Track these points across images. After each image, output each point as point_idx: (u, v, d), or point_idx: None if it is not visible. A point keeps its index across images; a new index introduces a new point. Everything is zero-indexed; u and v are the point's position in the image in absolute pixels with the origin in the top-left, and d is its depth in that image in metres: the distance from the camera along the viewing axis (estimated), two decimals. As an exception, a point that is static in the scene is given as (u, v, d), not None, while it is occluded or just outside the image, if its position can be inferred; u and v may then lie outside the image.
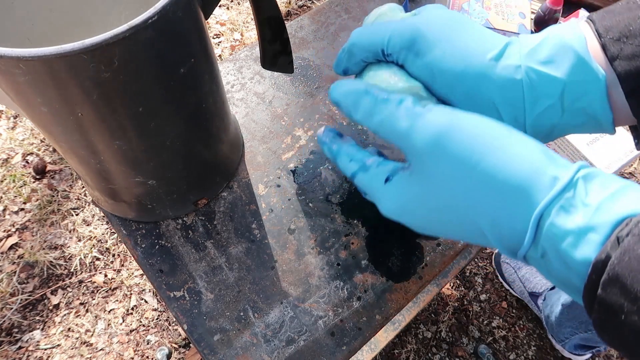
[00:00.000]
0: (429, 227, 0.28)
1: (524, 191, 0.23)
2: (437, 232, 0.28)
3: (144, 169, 0.39)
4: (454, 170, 0.25)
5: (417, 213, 0.28)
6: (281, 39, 0.42)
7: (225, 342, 0.41)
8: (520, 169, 0.23)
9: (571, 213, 0.21)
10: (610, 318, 0.19)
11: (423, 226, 0.29)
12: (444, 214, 0.26)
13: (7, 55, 0.25)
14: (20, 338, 1.07)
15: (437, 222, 0.27)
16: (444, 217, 0.26)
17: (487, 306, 1.18)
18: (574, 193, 0.21)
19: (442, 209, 0.26)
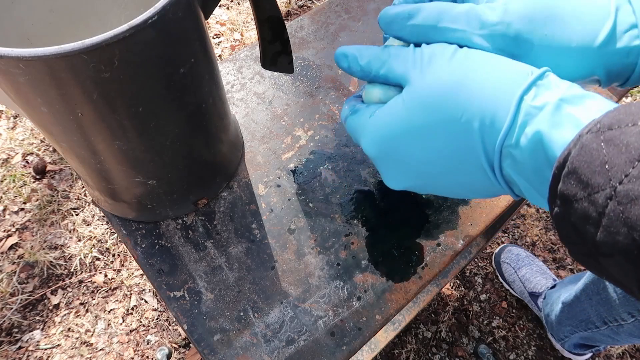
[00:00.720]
0: (409, 154, 0.28)
1: (510, 79, 0.25)
2: (416, 159, 0.28)
3: (144, 169, 0.39)
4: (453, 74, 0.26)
5: (400, 139, 0.28)
6: (281, 39, 0.42)
7: (225, 342, 0.41)
8: (507, 66, 0.26)
9: (543, 95, 0.23)
10: (567, 208, 0.21)
11: (402, 154, 0.29)
12: (430, 129, 0.27)
13: (7, 55, 0.25)
14: (20, 338, 1.07)
15: (418, 145, 0.28)
16: (428, 134, 0.27)
17: (487, 306, 1.18)
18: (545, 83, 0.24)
19: (430, 122, 0.27)
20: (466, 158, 0.26)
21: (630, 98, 1.56)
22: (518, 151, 0.24)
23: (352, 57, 0.32)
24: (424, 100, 0.27)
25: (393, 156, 0.29)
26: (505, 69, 0.25)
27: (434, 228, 0.48)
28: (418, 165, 0.29)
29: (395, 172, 0.31)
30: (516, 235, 1.30)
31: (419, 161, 0.28)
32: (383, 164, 0.31)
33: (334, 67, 0.59)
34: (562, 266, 1.25)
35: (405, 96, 0.28)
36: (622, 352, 1.13)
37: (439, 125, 0.26)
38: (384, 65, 0.30)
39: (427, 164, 0.28)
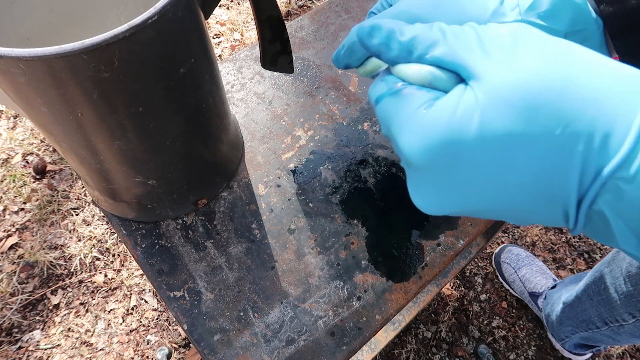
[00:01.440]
0: (473, 170, 0.21)
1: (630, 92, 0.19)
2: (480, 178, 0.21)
3: (144, 169, 0.39)
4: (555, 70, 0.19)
5: (466, 149, 0.20)
6: (281, 39, 0.42)
7: (225, 342, 0.41)
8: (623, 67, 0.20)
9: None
10: None
11: (462, 170, 0.21)
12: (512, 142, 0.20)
13: (7, 55, 0.25)
14: (20, 338, 1.07)
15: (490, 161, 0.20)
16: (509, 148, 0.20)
17: (487, 306, 1.18)
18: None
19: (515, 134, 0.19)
20: (550, 186, 0.20)
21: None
22: (634, 186, 0.18)
23: (389, 32, 0.24)
24: (511, 103, 0.19)
25: (447, 166, 0.21)
26: (620, 73, 0.19)
27: (434, 228, 0.48)
28: (477, 187, 0.21)
29: (438, 190, 0.23)
30: (516, 235, 1.30)
31: (482, 182, 0.21)
32: (425, 176, 0.23)
33: (333, 67, 0.59)
34: (562, 266, 1.25)
35: (480, 94, 0.20)
36: (622, 352, 1.13)
37: (525, 138, 0.19)
38: (436, 46, 0.22)
39: (493, 187, 0.21)
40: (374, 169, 0.51)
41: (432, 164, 0.22)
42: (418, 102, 0.22)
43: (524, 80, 0.19)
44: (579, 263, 1.26)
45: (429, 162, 0.22)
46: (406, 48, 0.23)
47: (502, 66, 0.20)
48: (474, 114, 0.20)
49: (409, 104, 0.23)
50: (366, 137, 0.53)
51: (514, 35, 0.21)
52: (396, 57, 0.24)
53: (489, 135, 0.20)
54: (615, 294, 0.80)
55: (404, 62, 0.24)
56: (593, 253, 1.27)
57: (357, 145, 0.53)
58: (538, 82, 0.19)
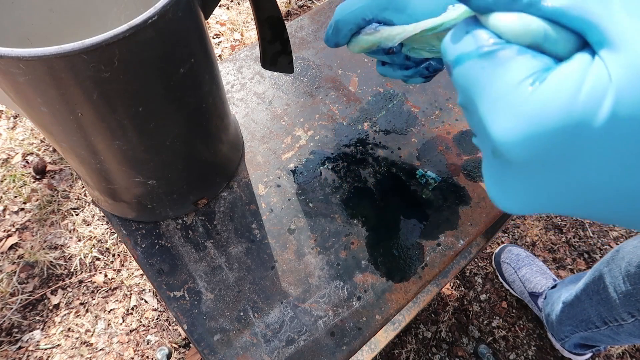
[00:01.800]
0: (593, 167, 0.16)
1: None
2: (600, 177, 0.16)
3: (144, 169, 0.39)
4: None
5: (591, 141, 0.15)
6: (281, 39, 0.42)
7: (225, 342, 0.41)
8: None
9: None
10: None
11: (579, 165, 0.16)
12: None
13: (7, 55, 0.25)
14: (20, 338, 1.07)
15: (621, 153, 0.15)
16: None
17: (487, 306, 1.18)
18: None
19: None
20: None
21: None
22: None
23: None
24: None
25: (555, 167, 0.16)
26: None
27: (434, 228, 0.48)
28: (597, 189, 0.16)
29: (540, 189, 0.18)
30: (516, 235, 1.30)
31: (606, 183, 0.16)
32: (523, 172, 0.17)
33: (333, 67, 0.59)
34: (562, 266, 1.25)
35: (616, 69, 0.14)
36: (622, 352, 1.13)
37: None
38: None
39: (618, 188, 0.16)
40: (374, 169, 0.51)
41: (537, 158, 0.16)
42: (523, 72, 0.16)
43: None
44: (579, 263, 1.26)
45: (532, 155, 0.16)
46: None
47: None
48: (606, 96, 0.15)
49: (508, 72, 0.17)
50: (366, 137, 0.53)
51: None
52: (495, 1, 0.17)
53: (625, 126, 0.14)
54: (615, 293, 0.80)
55: (504, 10, 0.17)
56: (593, 253, 1.27)
57: (357, 145, 0.53)
58: None
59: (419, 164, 0.51)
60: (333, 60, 0.60)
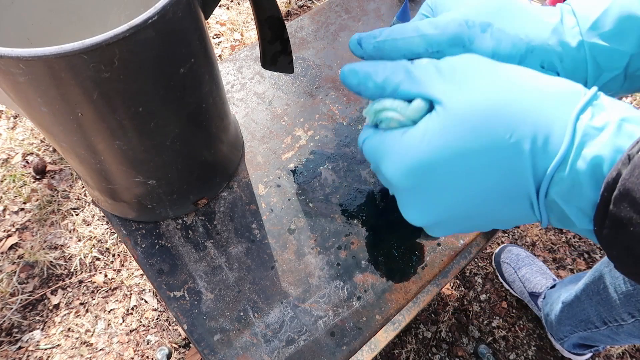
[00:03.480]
0: (446, 184, 0.25)
1: (563, 96, 0.22)
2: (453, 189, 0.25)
3: (144, 169, 0.39)
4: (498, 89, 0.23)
5: (438, 167, 0.24)
6: (281, 39, 0.42)
7: (225, 342, 0.41)
8: (557, 83, 0.23)
9: (600, 115, 0.22)
10: (620, 232, 0.20)
11: (437, 184, 0.25)
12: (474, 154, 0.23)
13: (7, 55, 0.25)
14: (20, 338, 1.07)
15: (459, 173, 0.24)
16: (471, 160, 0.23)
17: (487, 306, 1.18)
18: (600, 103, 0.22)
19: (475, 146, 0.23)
20: (511, 185, 0.23)
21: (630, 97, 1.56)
22: (572, 175, 0.21)
23: (364, 74, 0.28)
24: (467, 121, 0.23)
25: (425, 187, 0.25)
26: (555, 86, 0.23)
27: (434, 228, 0.47)
28: (453, 197, 0.25)
29: (422, 205, 0.26)
30: (516, 235, 1.30)
31: (456, 191, 0.25)
32: (410, 195, 0.27)
33: (333, 67, 0.59)
34: (562, 266, 1.25)
35: (441, 118, 0.24)
36: (622, 352, 1.13)
37: (484, 148, 0.23)
38: (404, 83, 0.26)
39: (466, 194, 0.24)
40: (374, 169, 0.51)
41: (409, 185, 0.26)
42: (394, 135, 0.26)
43: (476, 100, 0.23)
44: (579, 263, 1.26)
45: (405, 183, 0.26)
46: (381, 87, 0.27)
47: (458, 92, 0.24)
48: (439, 135, 0.24)
49: (387, 138, 0.27)
50: (366, 137, 0.53)
51: (466, 65, 0.25)
52: (373, 94, 0.28)
53: (453, 151, 0.23)
54: (615, 293, 0.80)
55: (380, 97, 0.28)
56: (593, 253, 1.27)
57: (357, 145, 0.53)
58: (488, 100, 0.23)
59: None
60: (333, 60, 0.60)
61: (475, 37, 0.29)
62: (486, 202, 0.24)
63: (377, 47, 0.31)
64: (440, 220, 0.27)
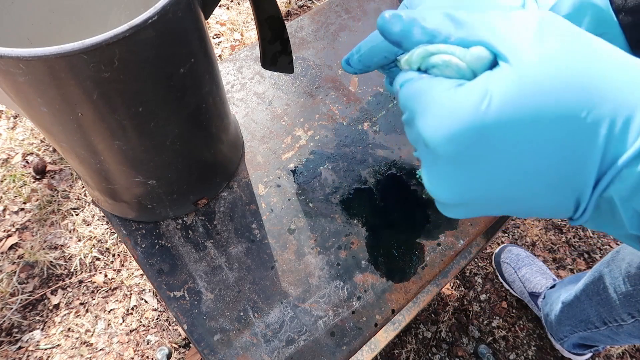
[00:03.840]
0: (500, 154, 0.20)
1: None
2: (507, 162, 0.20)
3: (144, 169, 0.39)
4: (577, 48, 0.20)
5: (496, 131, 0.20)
6: (281, 39, 0.42)
7: (225, 342, 0.41)
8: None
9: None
10: None
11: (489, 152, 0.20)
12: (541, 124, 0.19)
13: (7, 55, 0.25)
14: (20, 338, 1.07)
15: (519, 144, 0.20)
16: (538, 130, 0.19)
17: (487, 306, 1.18)
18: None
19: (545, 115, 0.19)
20: (569, 171, 0.20)
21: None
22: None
23: (410, 20, 0.23)
24: (540, 87, 0.19)
25: (469, 156, 0.21)
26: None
27: (434, 228, 0.48)
28: (498, 174, 0.21)
29: (458, 178, 0.22)
30: (516, 235, 1.30)
31: (504, 168, 0.21)
32: (446, 164, 0.22)
33: (334, 67, 0.59)
34: (562, 266, 1.25)
35: (509, 77, 0.20)
36: (622, 352, 1.13)
37: (553, 123, 0.19)
38: (465, 28, 0.22)
39: (514, 173, 0.21)
40: (374, 169, 0.51)
41: (458, 151, 0.21)
42: (446, 84, 0.21)
43: (553, 63, 0.19)
44: (579, 263, 1.26)
45: (454, 148, 0.21)
46: (433, 33, 0.23)
47: (532, 49, 0.20)
48: (503, 98, 0.19)
49: (436, 85, 0.22)
50: (366, 137, 0.53)
51: (543, 21, 0.21)
52: (418, 43, 0.23)
53: (517, 119, 0.19)
54: (614, 294, 0.80)
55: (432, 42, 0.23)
56: (593, 253, 1.27)
57: (357, 145, 0.53)
58: (566, 65, 0.19)
59: (419, 164, 0.51)
60: (333, 60, 0.60)
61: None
62: (533, 185, 0.21)
63: (360, 60, 0.31)
64: (471, 200, 0.23)
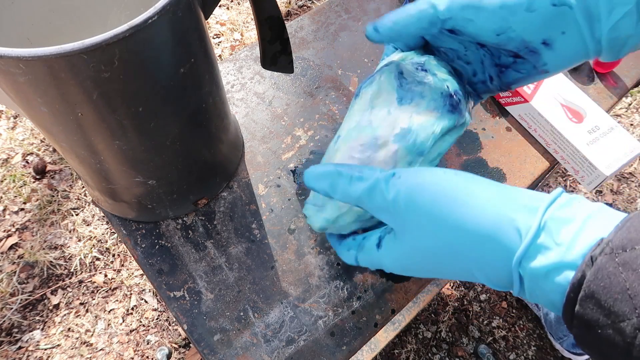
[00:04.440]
0: (429, 273, 0.30)
1: (496, 241, 0.24)
2: (439, 276, 0.30)
3: (144, 169, 0.39)
4: (429, 225, 0.27)
5: (413, 266, 0.30)
6: (281, 39, 0.42)
7: (225, 342, 0.41)
8: (487, 219, 0.25)
9: (546, 255, 0.23)
10: (589, 332, 0.20)
11: (423, 274, 0.31)
12: (435, 263, 0.28)
13: (7, 55, 0.25)
14: (20, 338, 1.07)
15: (432, 270, 0.29)
16: (436, 266, 0.28)
17: (487, 306, 1.18)
18: (545, 236, 0.23)
19: (431, 259, 0.28)
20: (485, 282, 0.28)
21: (630, 98, 1.56)
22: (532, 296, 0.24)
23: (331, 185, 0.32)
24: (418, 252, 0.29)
25: (413, 272, 0.31)
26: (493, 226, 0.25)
27: (434, 228, 0.47)
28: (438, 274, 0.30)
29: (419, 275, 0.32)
30: (516, 235, 1.30)
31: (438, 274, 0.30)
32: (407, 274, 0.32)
33: (333, 67, 0.59)
34: (562, 266, 1.25)
35: (397, 243, 0.30)
36: (622, 352, 1.13)
37: (441, 265, 0.28)
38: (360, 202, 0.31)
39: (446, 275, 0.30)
40: (374, 169, 0.51)
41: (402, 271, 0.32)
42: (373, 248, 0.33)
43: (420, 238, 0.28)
44: None
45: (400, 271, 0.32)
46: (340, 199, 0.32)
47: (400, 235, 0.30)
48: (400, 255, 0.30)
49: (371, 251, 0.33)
50: (366, 137, 0.53)
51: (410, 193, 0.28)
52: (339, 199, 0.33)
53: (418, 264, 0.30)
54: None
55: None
56: (593, 253, 1.27)
57: (357, 145, 0.53)
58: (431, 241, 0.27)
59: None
60: (333, 60, 0.60)
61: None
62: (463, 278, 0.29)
63: (392, 29, 0.33)
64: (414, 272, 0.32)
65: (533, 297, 0.24)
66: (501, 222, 0.24)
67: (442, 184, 0.27)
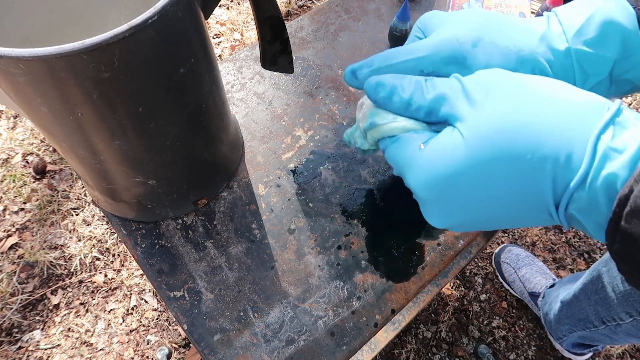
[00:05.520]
0: (467, 194, 0.26)
1: (586, 113, 0.23)
2: (474, 199, 0.26)
3: (144, 169, 0.39)
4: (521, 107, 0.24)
5: (460, 178, 0.25)
6: (281, 39, 0.42)
7: (225, 342, 0.41)
8: (580, 98, 0.24)
9: (621, 135, 0.22)
10: (630, 247, 0.21)
11: (459, 194, 0.26)
12: (495, 169, 0.24)
13: (7, 55, 0.25)
14: (20, 338, 1.07)
15: (480, 185, 0.25)
16: (493, 173, 0.24)
17: (487, 306, 1.18)
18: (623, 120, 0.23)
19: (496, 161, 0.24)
20: (531, 198, 0.24)
21: (630, 98, 1.56)
22: (591, 194, 0.22)
23: (392, 88, 0.28)
24: (490, 137, 0.24)
25: (447, 196, 0.26)
26: (578, 101, 0.24)
27: (434, 228, 0.48)
28: (474, 205, 0.26)
29: (446, 211, 0.28)
30: (516, 235, 1.30)
31: (477, 201, 0.26)
32: (434, 203, 0.28)
33: (333, 67, 0.59)
34: (562, 266, 1.25)
35: (465, 132, 0.25)
36: (622, 352, 1.13)
37: (506, 164, 0.24)
38: (428, 98, 0.27)
39: (486, 203, 0.26)
40: (373, 169, 0.51)
41: (432, 194, 0.27)
42: (415, 143, 0.28)
43: (497, 119, 0.24)
44: (578, 263, 1.26)
45: (429, 193, 0.27)
46: (407, 102, 0.28)
47: (480, 109, 0.25)
48: (462, 149, 0.25)
49: (408, 145, 0.28)
50: (366, 137, 0.53)
51: (489, 80, 0.26)
52: (397, 109, 0.29)
53: (475, 164, 0.24)
54: (613, 293, 0.80)
55: (403, 113, 0.29)
56: (593, 253, 1.27)
57: (357, 145, 0.53)
58: (508, 119, 0.24)
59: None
60: (333, 60, 0.60)
61: (468, 53, 0.30)
62: (507, 211, 0.26)
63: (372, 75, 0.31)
64: (459, 225, 0.28)
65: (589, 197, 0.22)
66: (591, 101, 0.23)
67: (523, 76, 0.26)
